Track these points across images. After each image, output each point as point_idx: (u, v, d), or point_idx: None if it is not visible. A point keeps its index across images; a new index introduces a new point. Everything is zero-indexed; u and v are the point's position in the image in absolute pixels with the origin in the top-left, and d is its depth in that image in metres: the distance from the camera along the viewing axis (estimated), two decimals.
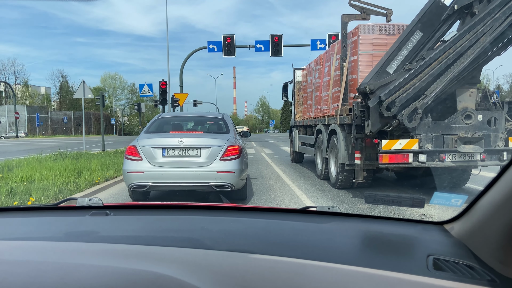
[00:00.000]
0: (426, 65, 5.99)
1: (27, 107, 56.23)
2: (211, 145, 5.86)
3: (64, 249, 1.06)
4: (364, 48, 7.40)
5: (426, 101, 5.93)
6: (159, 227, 1.35)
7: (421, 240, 1.24)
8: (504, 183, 0.91)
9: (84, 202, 1.55)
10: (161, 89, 16.40)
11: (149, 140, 5.96)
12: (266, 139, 39.88)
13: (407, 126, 5.95)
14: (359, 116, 6.54)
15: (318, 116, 10.19)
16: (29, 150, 17.33)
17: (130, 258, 0.98)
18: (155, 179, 5.76)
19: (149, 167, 5.75)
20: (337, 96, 8.53)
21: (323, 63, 9.92)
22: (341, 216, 1.50)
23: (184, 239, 1.19)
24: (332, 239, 1.23)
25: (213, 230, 1.29)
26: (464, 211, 1.14)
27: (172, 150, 5.84)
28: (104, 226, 1.33)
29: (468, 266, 0.96)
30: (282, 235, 1.28)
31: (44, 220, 1.43)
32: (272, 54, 18.56)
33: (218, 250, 1.05)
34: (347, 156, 7.46)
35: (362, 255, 1.12)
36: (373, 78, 6.24)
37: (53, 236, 1.23)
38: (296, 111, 13.08)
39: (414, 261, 1.04)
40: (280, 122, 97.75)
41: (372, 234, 1.32)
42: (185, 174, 5.78)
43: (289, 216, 1.52)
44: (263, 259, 1.00)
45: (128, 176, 5.85)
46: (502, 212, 0.90)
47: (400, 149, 6.12)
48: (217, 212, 1.59)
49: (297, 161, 13.65)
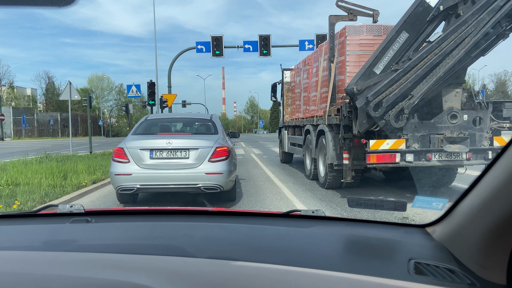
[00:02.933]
0: (412, 65, 6.05)
1: (13, 109, 55.28)
2: (199, 146, 5.84)
3: (41, 259, 1.04)
4: (351, 49, 7.45)
5: (413, 101, 5.99)
6: (141, 234, 1.34)
7: (403, 243, 1.25)
8: (484, 186, 0.92)
9: (65, 209, 1.52)
10: (149, 90, 16.26)
11: (136, 142, 5.90)
12: (256, 140, 39.93)
13: (394, 126, 6.01)
14: (347, 116, 6.57)
15: (306, 116, 10.23)
16: (14, 152, 17.06)
17: (108, 268, 0.96)
18: (143, 181, 5.70)
19: (137, 169, 5.68)
20: (325, 97, 8.57)
21: (311, 64, 9.96)
22: (325, 220, 1.50)
23: (165, 246, 1.18)
24: (315, 244, 1.23)
25: (195, 236, 1.29)
26: (446, 214, 1.15)
27: (160, 151, 5.79)
28: (84, 234, 1.31)
29: (449, 270, 0.97)
30: (265, 240, 1.28)
31: (23, 228, 1.40)
32: (260, 55, 18.55)
33: (200, 258, 1.04)
34: (335, 156, 7.49)
35: (344, 260, 1.12)
36: (360, 78, 6.28)
37: (31, 245, 1.21)
38: (285, 111, 13.11)
39: (395, 265, 1.05)
40: (270, 123, 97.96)
41: (355, 238, 1.33)
42: (173, 176, 5.72)
43: (273, 221, 1.52)
44: (245, 266, 0.99)
45: (116, 178, 5.76)
46: (482, 215, 0.91)
47: (387, 149, 6.17)
48: (200, 217, 1.58)
49: (286, 161, 13.68)
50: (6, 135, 51.85)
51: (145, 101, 22.56)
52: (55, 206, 1.56)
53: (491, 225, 0.87)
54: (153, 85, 16.76)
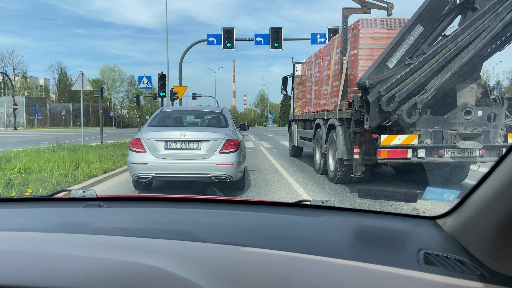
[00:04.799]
0: (427, 60, 5.96)
1: (26, 99, 55.90)
2: (210, 138, 6.10)
3: (55, 240, 1.06)
4: (364, 42, 7.35)
5: (426, 96, 5.90)
6: (152, 219, 1.35)
7: (413, 234, 1.24)
8: (496, 179, 0.91)
9: (78, 193, 1.56)
10: (159, 82, 16.28)
11: (152, 133, 6.21)
12: (265, 133, 39.87)
13: (406, 121, 5.93)
14: (358, 110, 6.51)
15: (317, 110, 10.16)
16: (27, 141, 17.30)
17: (121, 250, 0.98)
18: (158, 170, 5.99)
19: (153, 159, 5.99)
20: (336, 91, 8.49)
21: (323, 57, 9.87)
22: (334, 210, 1.50)
23: (176, 231, 1.19)
24: (324, 233, 1.23)
25: (205, 223, 1.29)
26: (457, 206, 1.14)
27: (174, 143, 6.08)
28: (96, 218, 1.33)
29: (458, 261, 0.97)
30: (274, 228, 1.28)
31: (38, 211, 1.43)
32: (271, 48, 18.46)
33: (210, 243, 1.04)
34: (345, 151, 7.44)
35: (353, 249, 1.12)
36: (373, 72, 6.20)
37: (45, 227, 1.23)
38: (295, 105, 13.04)
39: (405, 255, 1.04)
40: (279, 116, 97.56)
41: (365, 228, 1.32)
42: (186, 165, 6.00)
43: (282, 210, 1.52)
44: (255, 252, 1.00)
45: (133, 167, 6.09)
46: (493, 208, 0.90)
47: (399, 144, 6.10)
48: (211, 205, 1.59)
49: (296, 155, 13.64)
50: (19, 124, 52.58)
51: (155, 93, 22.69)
52: (68, 191, 1.60)
53: (502, 217, 0.86)
54: (164, 77, 16.78)
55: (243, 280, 0.87)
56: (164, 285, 0.82)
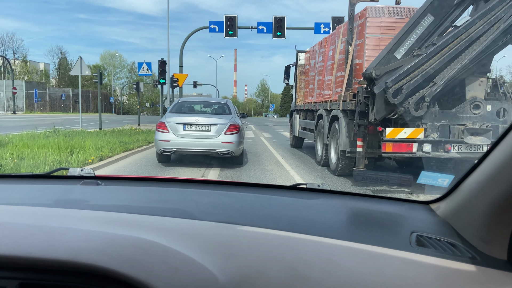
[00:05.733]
0: (437, 51, 5.72)
1: (26, 83, 55.39)
2: (218, 123, 8.04)
3: (53, 214, 1.07)
4: (371, 31, 7.10)
5: (435, 89, 5.68)
6: (149, 198, 1.37)
7: (406, 218, 1.25)
8: (489, 164, 0.92)
9: (76, 172, 1.59)
10: (160, 69, 15.94)
11: (173, 118, 8.16)
12: (266, 123, 39.55)
13: (413, 115, 5.72)
14: (363, 102, 6.30)
15: (320, 100, 9.95)
16: (24, 126, 17.05)
17: (118, 225, 0.99)
18: (178, 146, 7.93)
19: (174, 137, 7.93)
20: (340, 81, 8.27)
21: (328, 46, 9.61)
22: (330, 193, 1.51)
23: (173, 209, 1.21)
24: (319, 214, 1.25)
25: (202, 202, 1.31)
26: (450, 190, 1.15)
27: (190, 125, 8.03)
28: (94, 195, 1.35)
29: (450, 244, 0.98)
30: (270, 209, 1.30)
31: (36, 188, 1.45)
32: (274, 37, 18.07)
33: (206, 221, 1.06)
34: (348, 143, 7.25)
35: (347, 230, 1.14)
36: (380, 63, 5.97)
37: (43, 202, 1.24)
38: (297, 95, 12.81)
39: (397, 237, 1.05)
40: (280, 107, 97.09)
41: (359, 211, 1.33)
42: (199, 143, 7.95)
43: (278, 192, 1.54)
44: (249, 231, 1.02)
45: (159, 143, 8.03)
46: (486, 192, 0.91)
47: (404, 138, 5.89)
48: (208, 186, 1.63)
49: (297, 146, 13.44)
50: (19, 108, 52.32)
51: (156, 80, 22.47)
52: (66, 169, 1.63)
53: (495, 201, 0.87)
54: (164, 64, 16.45)
55: (237, 257, 0.88)
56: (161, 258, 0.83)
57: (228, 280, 0.79)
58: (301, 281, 0.81)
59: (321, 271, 0.84)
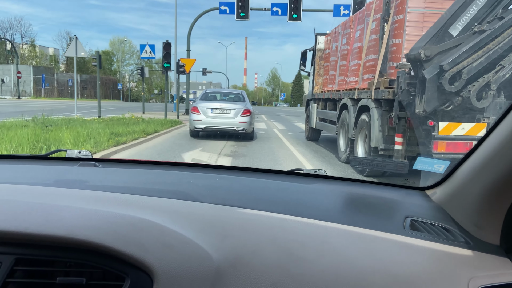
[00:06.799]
0: (505, 26, 4.53)
1: (33, 68, 54.51)
2: (235, 108, 11.03)
3: (50, 193, 1.08)
4: (413, 5, 5.91)
5: (504, 73, 4.50)
6: (146, 179, 1.38)
7: (401, 203, 1.26)
8: (483, 150, 0.91)
9: (73, 153, 1.61)
10: (164, 51, 14.68)
11: (203, 104, 11.19)
12: (277, 113, 37.98)
13: (475, 106, 4.56)
14: (406, 90, 5.15)
15: (343, 88, 8.80)
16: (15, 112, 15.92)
17: (115, 204, 1.00)
18: (207, 124, 10.94)
19: (204, 118, 10.93)
20: (370, 66, 7.11)
21: (354, 26, 8.40)
22: (327, 178, 1.50)
23: (170, 191, 1.21)
24: (315, 198, 1.26)
25: (199, 184, 1.32)
26: (446, 177, 1.13)
27: (215, 109, 11.01)
28: (91, 176, 1.36)
29: (444, 228, 0.98)
30: (266, 192, 1.31)
31: (33, 168, 1.46)
32: (289, 19, 16.68)
33: (202, 202, 1.07)
34: (382, 139, 6.12)
35: (342, 214, 1.14)
36: (430, 41, 4.81)
37: (41, 182, 1.25)
38: (315, 82, 11.63)
39: (391, 221, 1.06)
40: (291, 96, 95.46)
41: (354, 196, 1.34)
42: (222, 122, 10.93)
43: (275, 176, 1.53)
44: (244, 212, 1.02)
45: (193, 122, 11.08)
46: (480, 178, 0.91)
47: (462, 136, 4.74)
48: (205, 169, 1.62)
49: (313, 138, 12.30)
50: (26, 93, 51.72)
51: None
52: (64, 150, 1.64)
53: (488, 187, 0.87)
54: (169, 46, 15.17)
55: (232, 237, 0.88)
56: (156, 237, 0.84)
57: (222, 259, 0.80)
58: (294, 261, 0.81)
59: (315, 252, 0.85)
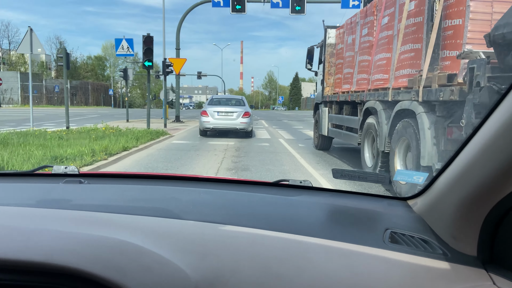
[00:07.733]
0: None
1: (21, 74, 52.44)
2: (237, 111, 13.68)
3: (31, 214, 1.08)
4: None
5: None
6: (131, 196, 1.38)
7: (383, 214, 1.26)
8: (460, 161, 0.92)
9: (59, 169, 1.60)
10: (144, 47, 12.74)
11: (211, 108, 13.74)
12: (278, 118, 35.19)
13: None
14: (487, 87, 3.51)
15: (364, 89, 7.19)
16: None
17: (95, 225, 0.99)
18: (214, 125, 13.53)
19: (212, 120, 13.50)
20: (408, 58, 5.50)
21: (381, 12, 6.77)
22: (311, 190, 1.51)
23: (153, 208, 1.21)
24: (298, 212, 1.26)
25: (182, 200, 1.33)
26: (426, 187, 1.15)
27: (221, 112, 13.61)
28: (75, 194, 1.35)
29: (423, 240, 0.99)
30: (250, 206, 1.31)
31: (18, 186, 1.45)
32: (292, 12, 14.96)
33: (184, 220, 1.07)
34: (436, 155, 4.50)
35: (323, 228, 1.14)
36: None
37: (24, 202, 1.24)
38: (325, 82, 10.01)
39: (371, 234, 1.06)
40: (289, 99, 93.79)
41: (337, 208, 1.35)
42: (226, 123, 13.59)
43: (260, 189, 1.54)
44: (226, 230, 1.03)
45: (203, 123, 13.59)
46: (456, 189, 0.92)
47: None
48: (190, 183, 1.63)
49: (324, 147, 10.65)
50: (14, 101, 49.73)
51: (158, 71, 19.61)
52: (50, 166, 1.63)
53: (464, 198, 0.88)
54: (150, 40, 13.08)
55: (212, 255, 0.88)
56: (134, 260, 0.84)
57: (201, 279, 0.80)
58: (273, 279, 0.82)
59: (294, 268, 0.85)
